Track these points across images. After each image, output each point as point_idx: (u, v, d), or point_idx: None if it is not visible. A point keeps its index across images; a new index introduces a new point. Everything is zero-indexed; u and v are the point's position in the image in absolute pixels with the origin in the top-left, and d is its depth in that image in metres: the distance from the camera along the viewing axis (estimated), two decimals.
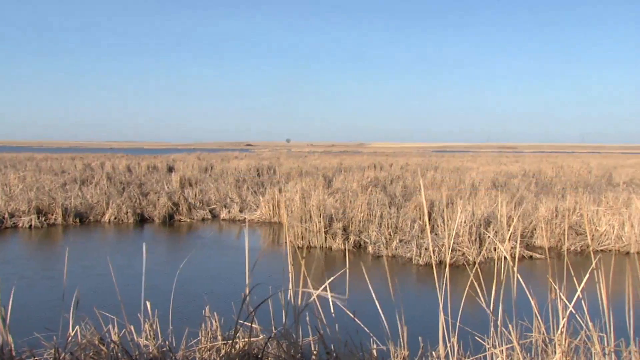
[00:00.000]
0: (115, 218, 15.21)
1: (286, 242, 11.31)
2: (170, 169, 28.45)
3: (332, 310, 3.59)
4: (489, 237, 10.73)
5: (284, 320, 3.58)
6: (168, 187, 18.33)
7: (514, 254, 10.90)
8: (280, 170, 26.39)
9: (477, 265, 3.10)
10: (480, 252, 10.64)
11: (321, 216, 11.97)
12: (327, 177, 21.50)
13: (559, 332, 3.00)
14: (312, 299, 3.47)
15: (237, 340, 3.59)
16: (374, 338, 3.64)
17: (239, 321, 3.39)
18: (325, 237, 11.92)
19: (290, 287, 3.53)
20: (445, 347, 3.33)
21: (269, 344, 3.56)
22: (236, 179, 22.03)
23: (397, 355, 3.60)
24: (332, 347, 3.48)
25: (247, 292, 3.49)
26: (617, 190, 14.75)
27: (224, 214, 16.26)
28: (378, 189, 15.84)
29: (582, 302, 3.07)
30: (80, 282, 8.18)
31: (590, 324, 3.03)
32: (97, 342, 3.53)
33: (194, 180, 21.12)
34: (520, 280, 3.31)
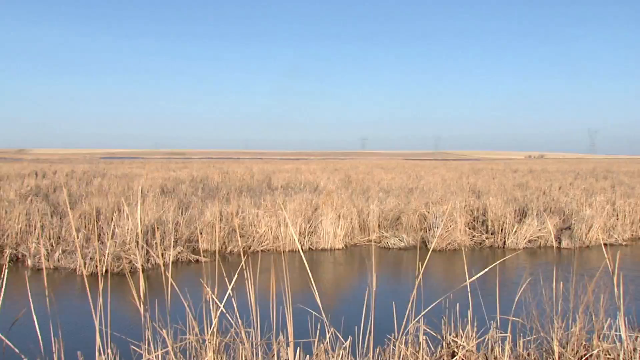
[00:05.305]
0: None
1: None
2: None
3: None
4: (155, 243, 10.80)
5: None
6: None
7: (180, 259, 11.18)
8: None
9: (142, 272, 3.11)
10: (148, 259, 10.66)
11: None
12: None
13: (210, 332, 3.17)
14: None
15: None
16: (25, 358, 3.41)
17: None
18: None
19: None
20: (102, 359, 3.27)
21: None
22: None
23: None
24: None
25: None
26: (275, 194, 15.96)
27: None
28: (39, 198, 14.80)
29: (233, 301, 3.28)
30: None
31: (239, 321, 3.25)
32: None
33: None
34: (174, 284, 3.40)
